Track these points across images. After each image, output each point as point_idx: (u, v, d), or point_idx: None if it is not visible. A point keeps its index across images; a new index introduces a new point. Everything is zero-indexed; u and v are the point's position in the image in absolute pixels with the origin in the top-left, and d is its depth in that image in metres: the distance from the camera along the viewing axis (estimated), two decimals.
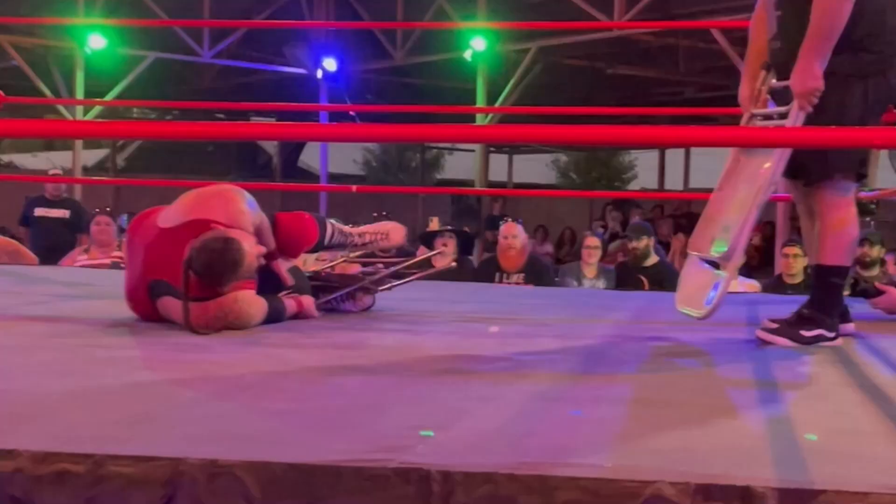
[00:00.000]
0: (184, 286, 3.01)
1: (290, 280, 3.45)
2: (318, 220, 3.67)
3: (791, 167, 3.04)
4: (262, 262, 3.27)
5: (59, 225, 8.67)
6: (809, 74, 2.95)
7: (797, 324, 3.03)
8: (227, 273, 3.08)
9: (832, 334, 3.04)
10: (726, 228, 3.11)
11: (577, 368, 2.63)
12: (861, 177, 3.10)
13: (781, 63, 3.12)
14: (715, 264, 3.15)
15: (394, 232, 4.02)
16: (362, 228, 3.97)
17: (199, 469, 1.52)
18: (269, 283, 3.36)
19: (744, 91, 3.29)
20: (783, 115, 3.05)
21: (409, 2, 14.20)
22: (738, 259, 3.07)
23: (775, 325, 3.04)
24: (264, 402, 2.04)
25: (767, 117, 3.18)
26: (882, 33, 3.01)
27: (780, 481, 1.48)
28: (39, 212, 8.76)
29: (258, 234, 3.30)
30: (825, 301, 3.07)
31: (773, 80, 3.17)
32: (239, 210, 3.26)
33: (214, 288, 3.08)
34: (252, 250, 3.14)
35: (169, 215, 3.31)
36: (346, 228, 3.87)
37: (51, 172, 9.64)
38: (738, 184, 3.19)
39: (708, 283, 3.14)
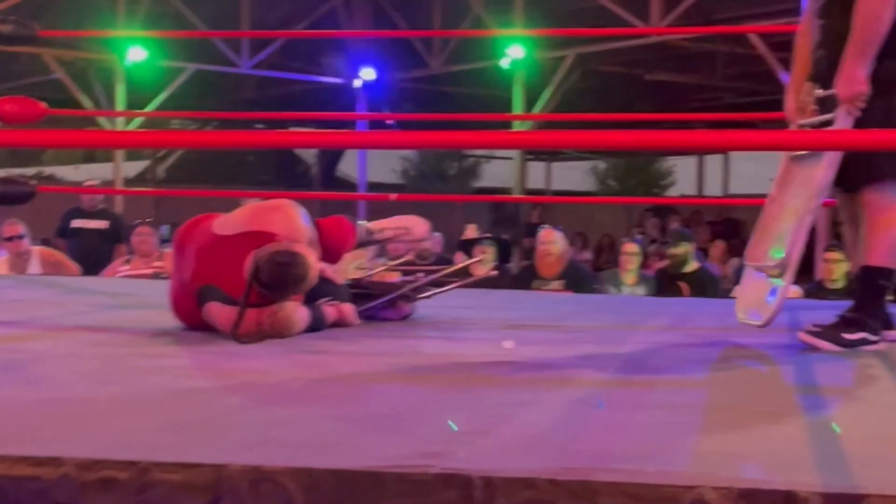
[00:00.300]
0: (245, 294, 3.03)
1: (340, 280, 3.50)
2: (352, 222, 3.73)
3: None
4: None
5: (97, 236, 8.71)
6: (854, 79, 2.94)
7: (840, 327, 3.00)
8: (292, 286, 3.13)
9: (875, 338, 3.01)
10: (781, 237, 3.09)
11: (618, 374, 2.62)
12: None
13: (824, 72, 3.11)
14: (772, 272, 3.13)
15: (416, 226, 4.02)
16: (380, 223, 3.98)
17: (243, 475, 1.53)
18: (309, 291, 3.38)
19: (790, 103, 3.29)
20: (829, 123, 3.03)
21: (447, 10, 14.24)
22: (795, 266, 3.03)
23: (818, 329, 3.02)
24: (306, 409, 2.05)
25: (814, 127, 3.15)
26: None
27: (824, 486, 1.47)
28: (77, 223, 8.80)
29: (311, 248, 3.35)
30: (870, 303, 3.04)
31: (819, 91, 3.15)
32: (297, 225, 3.33)
33: (272, 298, 3.12)
34: (316, 266, 3.19)
35: (227, 223, 3.35)
36: (369, 225, 3.91)
37: (86, 184, 9.70)
38: (790, 192, 3.18)
39: (765, 291, 3.13)
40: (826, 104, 3.10)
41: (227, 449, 1.64)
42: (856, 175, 3.02)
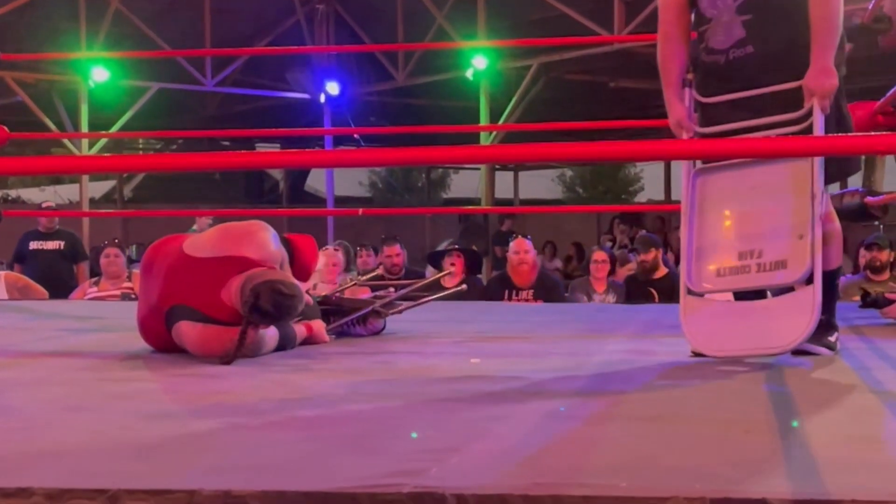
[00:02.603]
0: (245, 321, 3.04)
1: (309, 297, 3.51)
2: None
3: None
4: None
5: (55, 256, 8.65)
6: (829, 73, 2.86)
7: (824, 332, 2.99)
8: (288, 315, 3.16)
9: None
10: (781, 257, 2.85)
11: (589, 386, 2.63)
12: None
13: (753, 70, 2.97)
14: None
15: None
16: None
17: (214, 500, 1.52)
18: None
19: (679, 111, 3.09)
20: (798, 121, 2.88)
21: (410, 23, 14.25)
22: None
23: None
24: (278, 431, 2.04)
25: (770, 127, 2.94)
26: None
27: (797, 492, 1.47)
28: (34, 245, 8.72)
29: (284, 269, 3.37)
30: (833, 305, 3.08)
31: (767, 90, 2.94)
32: (269, 249, 3.33)
33: (259, 323, 3.12)
34: (303, 293, 3.24)
35: (198, 245, 3.34)
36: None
37: (44, 206, 9.60)
38: (756, 204, 2.95)
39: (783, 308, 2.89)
40: (767, 103, 2.94)
41: (199, 474, 1.63)
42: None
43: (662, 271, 7.29)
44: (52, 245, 8.71)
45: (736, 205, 3.00)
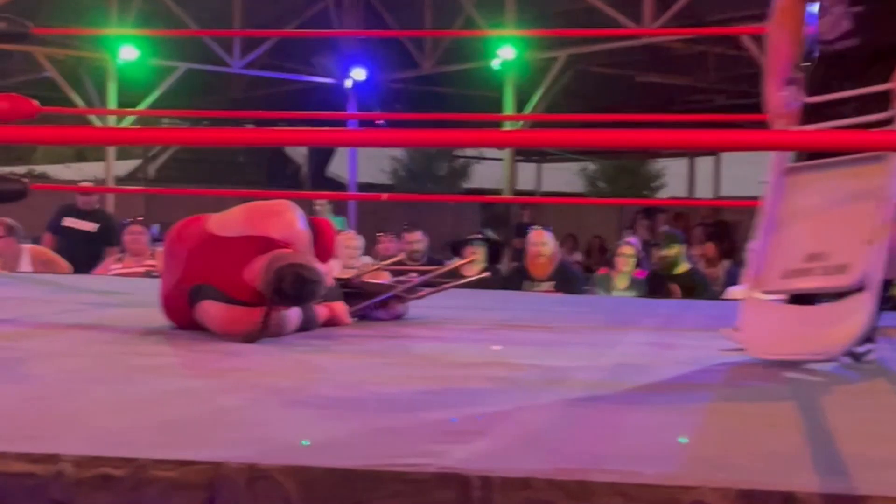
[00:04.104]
0: (270, 302, 3.04)
1: (330, 279, 3.52)
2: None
3: None
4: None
5: (86, 237, 8.56)
6: None
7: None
8: (314, 298, 3.17)
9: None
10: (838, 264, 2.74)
11: (612, 375, 2.62)
12: None
13: (857, 63, 2.88)
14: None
15: None
16: None
17: (239, 473, 1.52)
18: None
19: (776, 99, 2.99)
20: (884, 123, 2.73)
21: (438, 11, 14.23)
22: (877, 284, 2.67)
23: None
24: (300, 409, 2.04)
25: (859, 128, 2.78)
26: None
27: (824, 487, 1.46)
28: (69, 221, 8.65)
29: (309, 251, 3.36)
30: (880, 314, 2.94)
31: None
32: (297, 230, 3.31)
33: (287, 306, 3.14)
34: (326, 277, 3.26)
35: (223, 223, 3.32)
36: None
37: (81, 184, 9.59)
38: (836, 207, 2.83)
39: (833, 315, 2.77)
40: (869, 102, 2.80)
41: (223, 447, 1.63)
42: None
43: (685, 267, 7.27)
44: (86, 226, 8.60)
45: (815, 207, 2.89)
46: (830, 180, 2.85)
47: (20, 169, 24.05)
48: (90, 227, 8.64)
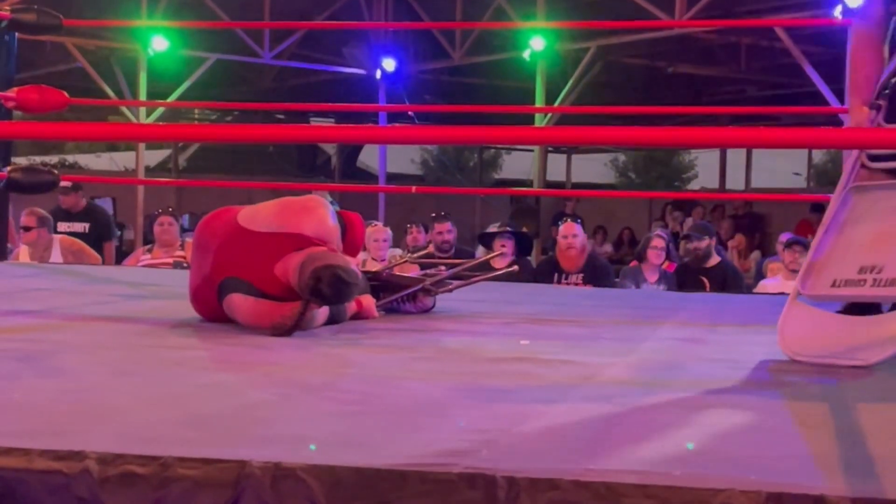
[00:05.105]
0: (305, 302, 3.02)
1: (358, 272, 3.51)
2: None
3: None
4: None
5: (81, 240, 8.45)
6: None
7: None
8: (349, 299, 3.20)
9: None
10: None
11: (641, 372, 2.60)
12: None
13: None
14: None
15: None
16: None
17: (265, 472, 1.51)
18: None
19: (860, 115, 2.93)
20: None
21: (468, 1, 14.21)
22: None
23: None
24: (327, 404, 2.03)
25: None
26: None
27: (855, 490, 1.44)
28: (63, 227, 8.39)
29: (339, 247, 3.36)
30: None
31: None
32: (328, 228, 3.31)
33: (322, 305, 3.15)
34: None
35: (255, 218, 3.32)
36: None
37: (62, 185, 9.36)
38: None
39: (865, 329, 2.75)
40: None
41: (250, 443, 1.63)
42: None
43: (715, 260, 7.23)
44: (78, 227, 8.47)
45: (877, 223, 2.84)
46: (893, 199, 2.81)
47: (52, 159, 24.25)
48: (80, 227, 8.51)
